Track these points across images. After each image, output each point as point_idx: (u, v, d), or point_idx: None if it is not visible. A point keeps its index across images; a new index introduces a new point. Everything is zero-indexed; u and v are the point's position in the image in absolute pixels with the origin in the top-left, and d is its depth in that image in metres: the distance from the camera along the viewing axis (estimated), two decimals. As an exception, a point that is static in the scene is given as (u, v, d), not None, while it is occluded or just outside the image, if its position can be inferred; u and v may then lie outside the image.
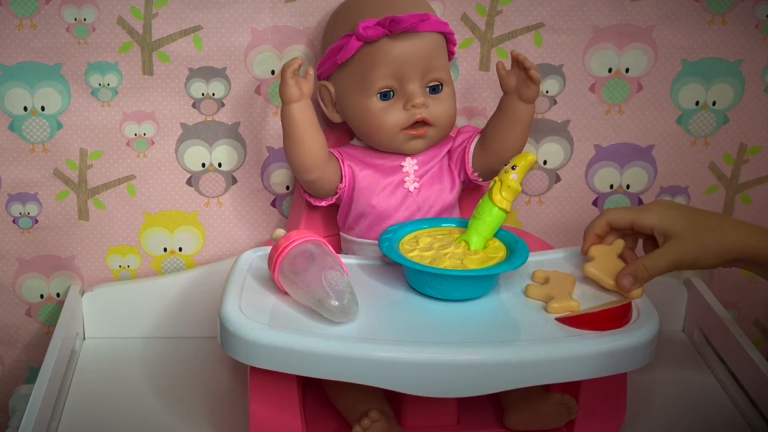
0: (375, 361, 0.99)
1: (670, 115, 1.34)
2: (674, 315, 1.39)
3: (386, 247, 1.11)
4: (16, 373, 1.41)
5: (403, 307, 1.09)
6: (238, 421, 1.16)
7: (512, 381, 1.01)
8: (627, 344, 1.02)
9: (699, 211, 1.08)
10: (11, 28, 1.25)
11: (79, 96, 1.29)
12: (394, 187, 1.20)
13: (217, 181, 1.34)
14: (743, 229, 1.05)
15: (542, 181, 1.37)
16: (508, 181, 1.10)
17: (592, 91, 1.33)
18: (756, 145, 1.36)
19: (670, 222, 1.06)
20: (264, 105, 1.31)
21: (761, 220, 1.38)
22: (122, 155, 1.32)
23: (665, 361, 1.29)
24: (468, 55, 1.31)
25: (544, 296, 1.09)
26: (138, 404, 1.21)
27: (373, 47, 1.15)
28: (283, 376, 1.04)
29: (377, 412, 1.08)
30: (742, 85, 1.33)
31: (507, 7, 1.29)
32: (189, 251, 1.37)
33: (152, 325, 1.36)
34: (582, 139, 1.35)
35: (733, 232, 1.05)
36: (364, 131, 1.20)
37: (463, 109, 1.32)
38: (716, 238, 1.05)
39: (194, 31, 1.27)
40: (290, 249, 1.07)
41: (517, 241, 1.12)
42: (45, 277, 1.36)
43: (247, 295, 1.08)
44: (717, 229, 1.05)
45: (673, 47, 1.31)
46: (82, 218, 1.34)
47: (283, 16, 1.28)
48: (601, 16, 1.30)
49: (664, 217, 1.07)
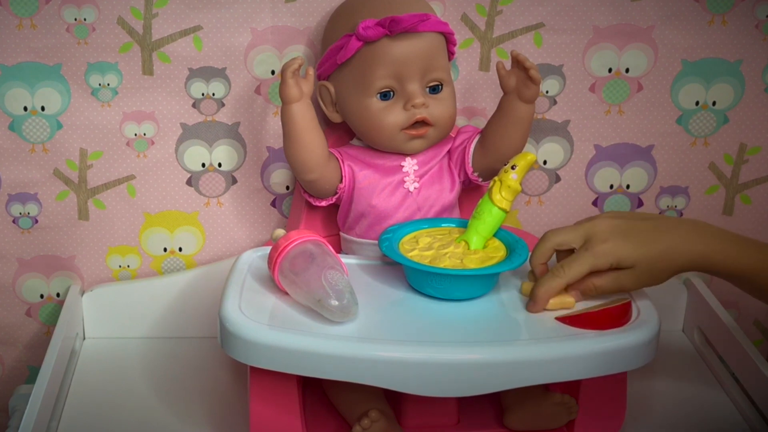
0: (375, 361, 0.99)
1: (670, 115, 1.34)
2: (674, 315, 1.39)
3: (386, 247, 1.11)
4: (16, 373, 1.41)
5: (403, 307, 1.09)
6: (238, 421, 1.16)
7: (512, 381, 1.01)
8: (627, 344, 1.02)
9: (649, 235, 1.04)
10: (11, 28, 1.25)
11: (79, 96, 1.29)
12: (394, 187, 1.20)
13: (217, 181, 1.34)
14: (692, 242, 1.03)
15: (542, 181, 1.37)
16: (507, 181, 1.10)
17: (592, 91, 1.33)
18: (756, 145, 1.36)
19: (620, 256, 1.03)
20: (264, 105, 1.31)
21: (761, 220, 1.38)
22: (122, 155, 1.32)
23: (665, 360, 1.29)
24: (468, 55, 1.31)
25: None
26: (138, 404, 1.21)
27: (373, 47, 1.15)
28: (283, 376, 1.04)
29: (377, 412, 1.08)
30: (742, 85, 1.33)
31: (507, 7, 1.29)
32: (189, 251, 1.37)
33: (152, 325, 1.36)
34: (582, 139, 1.35)
35: (683, 248, 1.03)
36: (364, 131, 1.20)
37: (463, 109, 1.32)
38: (667, 264, 1.03)
39: (194, 31, 1.27)
40: (290, 249, 1.07)
41: (517, 241, 1.12)
42: (45, 277, 1.36)
43: (247, 295, 1.08)
44: (668, 256, 1.03)
45: (673, 47, 1.31)
46: (82, 218, 1.34)
47: (283, 16, 1.28)
48: (601, 16, 1.30)
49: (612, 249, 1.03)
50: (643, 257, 1.03)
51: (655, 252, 1.03)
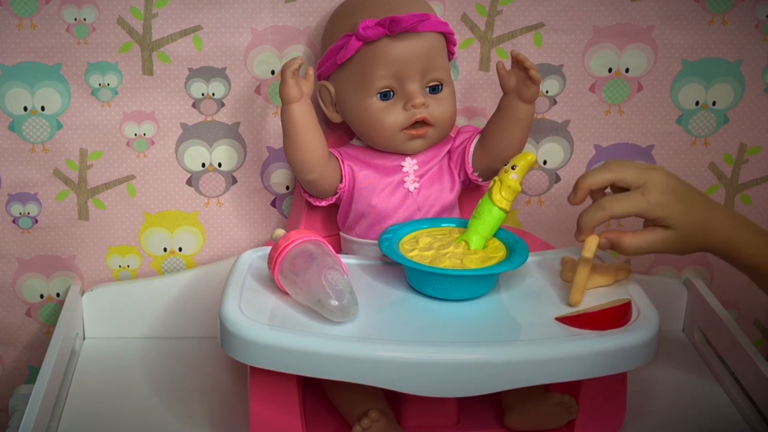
0: (375, 361, 0.99)
1: (670, 115, 1.34)
2: (674, 315, 1.39)
3: (386, 247, 1.11)
4: (16, 373, 1.41)
5: (403, 307, 1.09)
6: (238, 421, 1.16)
7: (512, 381, 1.01)
8: (627, 344, 1.02)
9: (698, 204, 1.06)
10: (11, 28, 1.25)
11: (79, 96, 1.29)
12: (394, 187, 1.20)
13: (217, 181, 1.34)
14: (730, 224, 1.06)
15: (542, 181, 1.37)
16: (507, 180, 1.10)
17: (592, 91, 1.33)
18: (756, 145, 1.36)
19: (670, 212, 1.05)
20: (264, 105, 1.31)
21: (761, 220, 1.38)
22: (122, 155, 1.32)
23: (665, 361, 1.29)
24: (468, 55, 1.31)
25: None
26: (138, 404, 1.21)
27: (373, 47, 1.15)
28: (283, 376, 1.04)
29: (377, 412, 1.08)
30: (742, 85, 1.33)
31: (507, 7, 1.29)
32: (189, 251, 1.37)
33: (152, 325, 1.36)
34: (582, 139, 1.35)
35: (721, 227, 1.05)
36: (364, 131, 1.20)
37: (463, 109, 1.32)
38: (702, 238, 1.05)
39: (194, 31, 1.27)
40: (290, 249, 1.07)
41: (517, 241, 1.12)
42: (45, 277, 1.36)
43: (247, 295, 1.08)
44: (707, 230, 1.05)
45: (673, 47, 1.31)
46: (82, 218, 1.34)
47: (283, 16, 1.28)
48: (601, 16, 1.30)
49: (665, 203, 1.05)
50: (687, 223, 1.05)
51: (698, 221, 1.05)
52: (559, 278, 1.14)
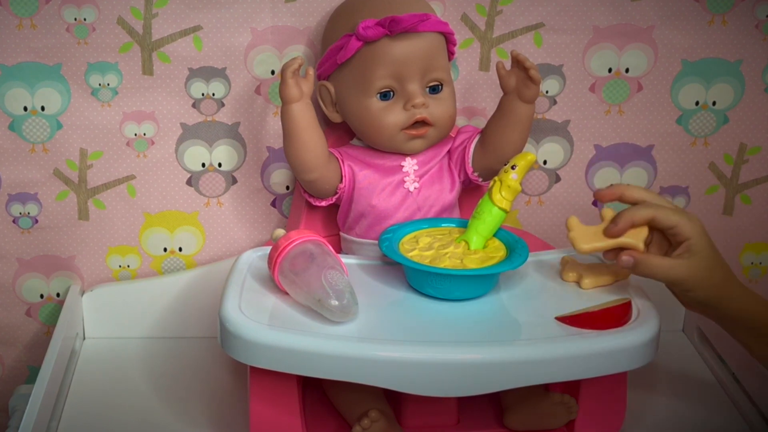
0: (375, 361, 0.99)
1: (670, 115, 1.34)
2: (674, 315, 1.39)
3: (386, 247, 1.11)
4: (16, 373, 1.41)
5: (403, 307, 1.09)
6: (238, 421, 1.16)
7: (512, 380, 1.01)
8: (627, 344, 1.02)
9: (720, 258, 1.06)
10: (11, 28, 1.25)
11: (79, 96, 1.29)
12: (394, 187, 1.20)
13: (217, 181, 1.34)
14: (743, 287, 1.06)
15: (542, 181, 1.37)
16: (507, 180, 1.10)
17: (592, 91, 1.33)
18: (756, 145, 1.36)
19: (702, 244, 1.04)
20: (264, 105, 1.31)
21: (761, 220, 1.38)
22: (122, 155, 1.32)
23: (665, 361, 1.29)
24: (468, 55, 1.31)
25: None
26: (138, 404, 1.21)
27: (373, 47, 1.15)
28: (283, 376, 1.04)
29: (377, 412, 1.08)
30: (742, 85, 1.33)
31: (507, 7, 1.29)
32: (189, 251, 1.37)
33: (152, 325, 1.36)
34: (582, 139, 1.35)
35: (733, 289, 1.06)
36: (364, 131, 1.20)
37: (463, 109, 1.32)
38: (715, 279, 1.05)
39: (194, 31, 1.27)
40: (290, 249, 1.07)
41: (517, 241, 1.12)
42: (45, 277, 1.36)
43: (247, 295, 1.08)
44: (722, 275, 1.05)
45: (673, 47, 1.31)
46: (82, 218, 1.34)
47: (283, 16, 1.28)
48: (601, 16, 1.30)
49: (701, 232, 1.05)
50: (708, 257, 1.04)
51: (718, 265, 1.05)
52: (559, 278, 1.14)
